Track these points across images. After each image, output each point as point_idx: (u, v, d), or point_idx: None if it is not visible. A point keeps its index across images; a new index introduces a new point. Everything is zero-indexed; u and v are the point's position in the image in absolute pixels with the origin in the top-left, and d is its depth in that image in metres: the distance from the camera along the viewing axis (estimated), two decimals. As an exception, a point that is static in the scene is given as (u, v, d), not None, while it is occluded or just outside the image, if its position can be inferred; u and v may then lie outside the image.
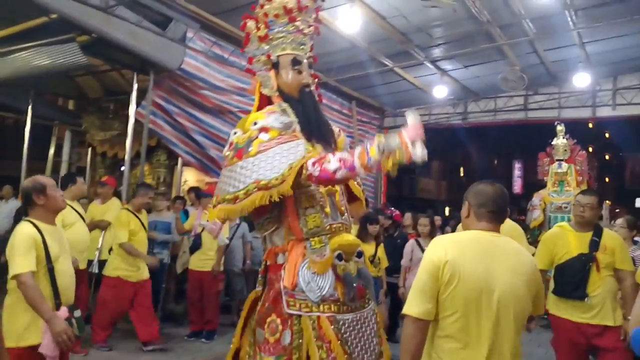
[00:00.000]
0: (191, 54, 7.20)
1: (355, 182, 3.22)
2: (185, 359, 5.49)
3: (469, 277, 2.04)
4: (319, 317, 2.65)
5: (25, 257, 2.85)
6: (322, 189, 2.84)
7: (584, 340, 3.62)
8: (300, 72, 3.02)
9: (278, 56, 3.03)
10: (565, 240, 3.73)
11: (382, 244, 5.69)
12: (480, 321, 2.04)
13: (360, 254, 2.89)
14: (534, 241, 8.45)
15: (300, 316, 2.67)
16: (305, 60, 3.07)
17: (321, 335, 2.62)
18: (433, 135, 15.12)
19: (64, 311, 2.95)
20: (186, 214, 7.12)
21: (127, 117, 7.45)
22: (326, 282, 2.71)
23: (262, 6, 3.07)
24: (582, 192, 3.93)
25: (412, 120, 2.54)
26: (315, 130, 2.95)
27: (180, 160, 8.36)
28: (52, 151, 9.83)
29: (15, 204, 7.61)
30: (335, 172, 2.55)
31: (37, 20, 6.38)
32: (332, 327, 2.63)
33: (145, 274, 5.64)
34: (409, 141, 2.48)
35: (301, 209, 2.80)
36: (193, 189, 7.51)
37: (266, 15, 3.04)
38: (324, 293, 2.69)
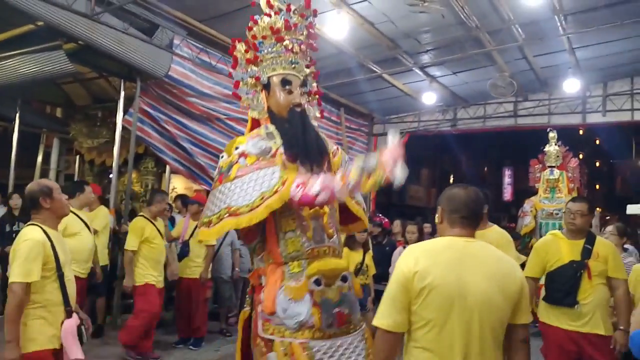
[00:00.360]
0: (178, 61, 7.17)
1: (354, 201, 3.16)
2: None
3: (440, 286, 1.97)
4: (291, 343, 2.64)
5: (26, 266, 2.79)
6: (304, 213, 2.82)
7: (574, 348, 3.59)
8: (290, 92, 3.01)
9: (268, 77, 3.04)
10: (557, 248, 3.71)
11: (370, 252, 5.64)
12: (453, 331, 1.97)
13: (345, 278, 2.83)
14: (523, 248, 8.48)
15: (273, 341, 2.68)
16: (297, 80, 3.06)
17: None
18: (422, 142, 15.14)
19: (75, 319, 2.96)
20: (173, 221, 7.08)
21: (114, 124, 7.43)
22: (303, 308, 2.67)
23: (250, 29, 3.11)
24: (573, 200, 3.91)
25: (392, 140, 2.55)
26: (301, 151, 2.91)
27: (168, 168, 8.32)
28: (40, 159, 9.77)
29: (1, 211, 7.54)
30: (316, 196, 2.55)
31: (23, 27, 6.35)
32: (305, 353, 2.62)
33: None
34: (388, 162, 2.49)
35: (281, 232, 2.81)
36: (180, 197, 7.47)
37: (254, 38, 3.09)
38: (301, 319, 2.66)
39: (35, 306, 2.85)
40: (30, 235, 2.87)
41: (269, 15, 3.08)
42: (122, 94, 7.23)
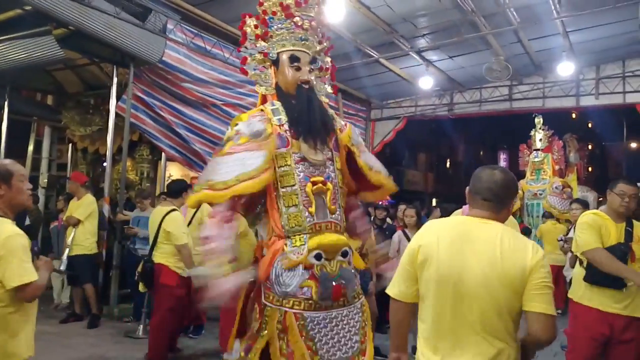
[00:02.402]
0: (172, 46, 7.05)
1: (373, 170, 3.21)
2: (173, 354, 5.42)
3: (441, 263, 1.97)
4: (286, 311, 2.75)
5: (24, 265, 2.44)
6: (307, 189, 2.87)
7: (607, 331, 3.51)
8: (298, 69, 3.03)
9: (277, 53, 3.07)
10: (607, 228, 3.60)
11: (371, 236, 5.62)
12: (444, 309, 1.96)
13: (345, 254, 2.89)
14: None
15: (270, 307, 2.80)
16: (306, 56, 3.08)
17: (284, 328, 2.73)
18: (419, 127, 15.13)
19: None
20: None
21: (107, 111, 7.34)
22: (293, 279, 2.77)
23: (260, 4, 3.13)
24: (625, 182, 3.68)
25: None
26: (304, 128, 2.94)
27: (163, 155, 8.20)
28: (31, 148, 9.60)
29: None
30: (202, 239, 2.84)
31: (10, 12, 6.19)
32: (298, 323, 2.73)
33: None
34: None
35: (284, 207, 2.87)
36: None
37: (265, 13, 3.10)
38: (287, 290, 2.76)
39: (12, 310, 2.44)
40: (11, 231, 2.46)
41: None
42: (115, 80, 7.12)
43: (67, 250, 6.21)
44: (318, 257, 2.77)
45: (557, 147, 10.59)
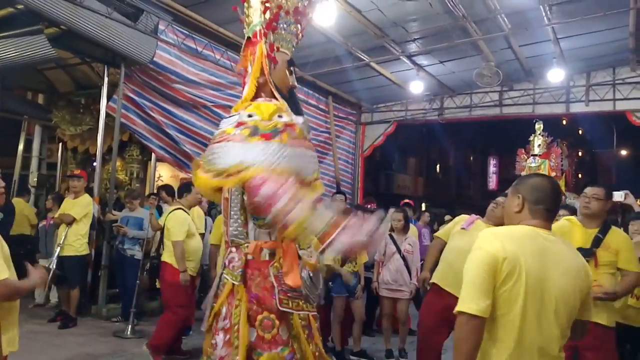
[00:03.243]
0: (163, 46, 7.07)
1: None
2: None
3: (527, 275, 1.90)
4: (308, 314, 2.70)
5: None
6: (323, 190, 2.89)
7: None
8: (291, 73, 3.00)
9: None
10: (570, 234, 3.64)
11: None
12: (532, 322, 1.92)
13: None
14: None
15: (292, 314, 2.66)
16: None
17: (311, 333, 2.69)
18: (409, 131, 15.19)
19: None
20: (160, 210, 7.01)
21: (98, 111, 7.34)
22: (320, 282, 2.76)
23: None
24: (590, 185, 3.84)
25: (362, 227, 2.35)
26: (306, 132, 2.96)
27: (153, 156, 8.22)
28: (21, 147, 9.58)
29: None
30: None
31: (2, 10, 6.17)
32: (316, 324, 2.73)
33: None
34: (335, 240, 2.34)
35: None
36: (163, 187, 7.35)
37: (279, 7, 2.92)
38: (318, 292, 2.74)
39: None
40: None
41: None
42: (106, 80, 7.12)
43: (57, 249, 6.21)
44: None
45: (555, 154, 10.71)
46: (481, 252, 1.96)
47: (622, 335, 4.02)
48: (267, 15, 2.91)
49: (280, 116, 2.65)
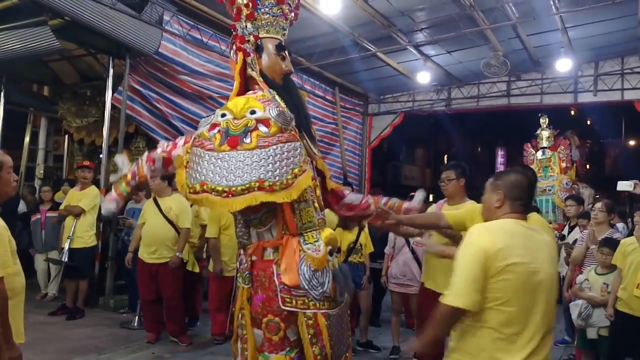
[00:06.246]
0: (168, 37, 7.04)
1: (329, 178, 3.21)
2: (169, 346, 5.47)
3: (521, 266, 2.00)
4: (315, 314, 2.61)
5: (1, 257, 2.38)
6: (311, 183, 2.76)
7: None
8: (284, 59, 2.91)
9: (261, 38, 2.89)
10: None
11: (365, 231, 5.62)
12: (528, 311, 2.02)
13: (339, 250, 2.92)
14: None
15: (297, 313, 2.61)
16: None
17: (317, 332, 2.60)
18: (417, 122, 15.09)
19: None
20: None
21: (104, 103, 7.31)
22: (325, 278, 2.66)
23: None
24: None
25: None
26: (304, 120, 2.86)
27: (159, 148, 8.18)
28: (27, 139, 9.60)
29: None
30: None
31: (6, 2, 6.14)
32: (327, 323, 2.62)
33: None
34: None
35: (295, 202, 2.67)
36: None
37: None
38: (324, 289, 2.64)
39: None
40: None
41: None
42: (111, 71, 7.08)
43: (68, 241, 6.22)
44: (330, 253, 2.72)
45: (563, 145, 10.74)
46: (473, 247, 2.03)
47: (630, 327, 3.99)
48: (234, 7, 2.88)
49: (253, 112, 2.58)
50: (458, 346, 2.10)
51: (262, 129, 2.54)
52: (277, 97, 2.81)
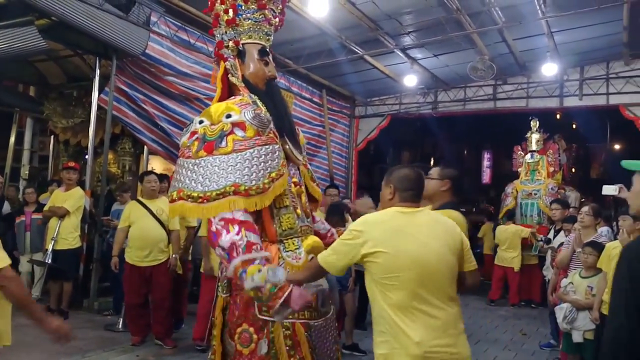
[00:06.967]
0: (155, 38, 7.02)
1: (314, 184, 3.14)
2: (153, 349, 5.45)
3: (405, 250, 2.20)
4: (294, 323, 2.49)
5: None
6: (293, 189, 2.73)
7: None
8: (267, 64, 2.89)
9: (244, 44, 2.87)
10: None
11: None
12: (423, 290, 2.20)
13: None
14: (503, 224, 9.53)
15: (273, 322, 2.47)
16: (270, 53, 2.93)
17: (295, 343, 2.49)
18: (403, 124, 15.14)
19: None
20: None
21: (90, 103, 7.29)
22: (306, 287, 2.54)
23: None
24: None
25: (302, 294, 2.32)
26: (287, 125, 2.83)
27: (146, 148, 8.18)
28: (12, 139, 9.52)
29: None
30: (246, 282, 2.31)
31: (-9, 1, 6.11)
32: (306, 333, 2.51)
33: None
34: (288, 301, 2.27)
35: (275, 208, 2.63)
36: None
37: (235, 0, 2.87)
38: (323, 299, 2.61)
39: None
40: None
41: None
42: (98, 72, 7.07)
43: (52, 243, 6.18)
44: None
45: (552, 149, 10.87)
46: (348, 234, 2.31)
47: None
48: (229, 15, 2.86)
49: (228, 115, 2.58)
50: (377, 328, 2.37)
51: (239, 132, 2.53)
52: (258, 101, 2.79)
